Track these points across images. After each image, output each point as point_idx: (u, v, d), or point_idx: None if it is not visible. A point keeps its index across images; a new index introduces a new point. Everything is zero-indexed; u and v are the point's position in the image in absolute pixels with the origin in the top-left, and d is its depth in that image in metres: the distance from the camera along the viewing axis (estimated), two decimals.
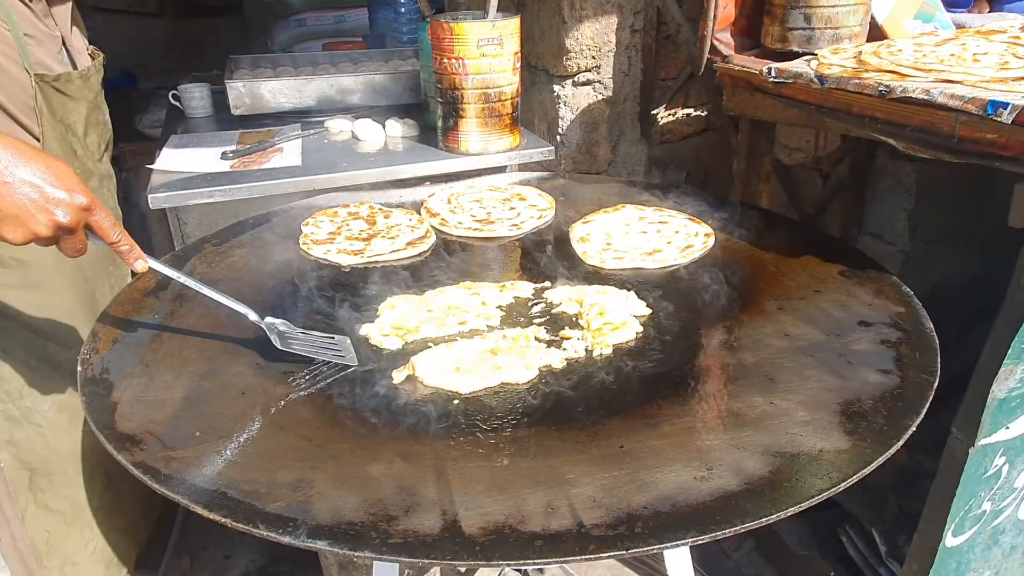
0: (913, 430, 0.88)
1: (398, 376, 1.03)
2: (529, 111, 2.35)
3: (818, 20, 1.51)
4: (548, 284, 1.28)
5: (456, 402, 0.98)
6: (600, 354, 1.07)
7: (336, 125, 2.15)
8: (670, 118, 2.34)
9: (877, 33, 1.57)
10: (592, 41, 2.11)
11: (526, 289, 1.26)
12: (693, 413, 0.94)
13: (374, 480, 0.82)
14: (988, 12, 1.94)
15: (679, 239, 1.40)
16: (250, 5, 4.57)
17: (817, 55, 1.46)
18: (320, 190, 1.76)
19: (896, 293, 1.19)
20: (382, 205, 1.61)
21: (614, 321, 1.13)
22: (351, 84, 2.34)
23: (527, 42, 2.17)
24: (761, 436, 0.88)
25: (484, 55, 1.77)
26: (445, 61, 1.80)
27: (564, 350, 1.08)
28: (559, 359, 1.06)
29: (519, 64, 1.86)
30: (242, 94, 2.26)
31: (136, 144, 3.21)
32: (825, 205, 2.17)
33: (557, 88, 2.18)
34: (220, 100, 2.35)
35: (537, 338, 1.12)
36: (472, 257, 1.42)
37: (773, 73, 1.46)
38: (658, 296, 1.22)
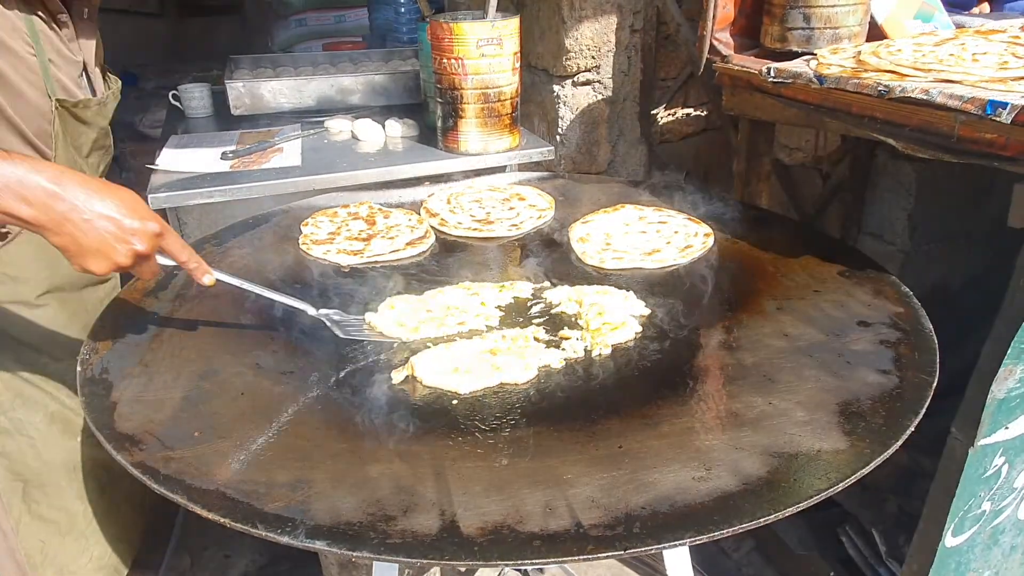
0: (912, 430, 0.88)
1: (397, 376, 1.03)
2: (529, 111, 2.35)
3: (817, 20, 1.51)
4: (547, 284, 1.28)
5: (455, 402, 0.98)
6: (599, 354, 1.07)
7: (336, 125, 2.15)
8: (670, 118, 2.34)
9: (876, 33, 1.57)
10: (592, 41, 2.11)
11: (525, 289, 1.26)
12: (692, 413, 0.94)
13: (373, 480, 0.82)
14: (989, 12, 1.94)
15: (678, 239, 1.40)
16: (250, 5, 4.58)
17: (816, 55, 1.46)
18: (320, 190, 1.76)
19: (895, 293, 1.19)
20: (382, 205, 1.61)
21: (613, 321, 1.13)
22: (351, 84, 2.34)
23: (527, 42, 2.17)
24: (760, 436, 0.88)
25: (484, 55, 1.77)
26: (445, 61, 1.80)
27: (563, 350, 1.08)
28: (558, 359, 1.06)
29: (519, 64, 1.86)
30: (242, 94, 2.27)
31: (136, 144, 3.22)
32: (825, 205, 2.17)
33: (557, 88, 2.18)
34: (220, 100, 2.35)
35: (536, 338, 1.12)
36: (471, 257, 1.42)
37: (772, 73, 1.46)
38: (657, 296, 1.22)
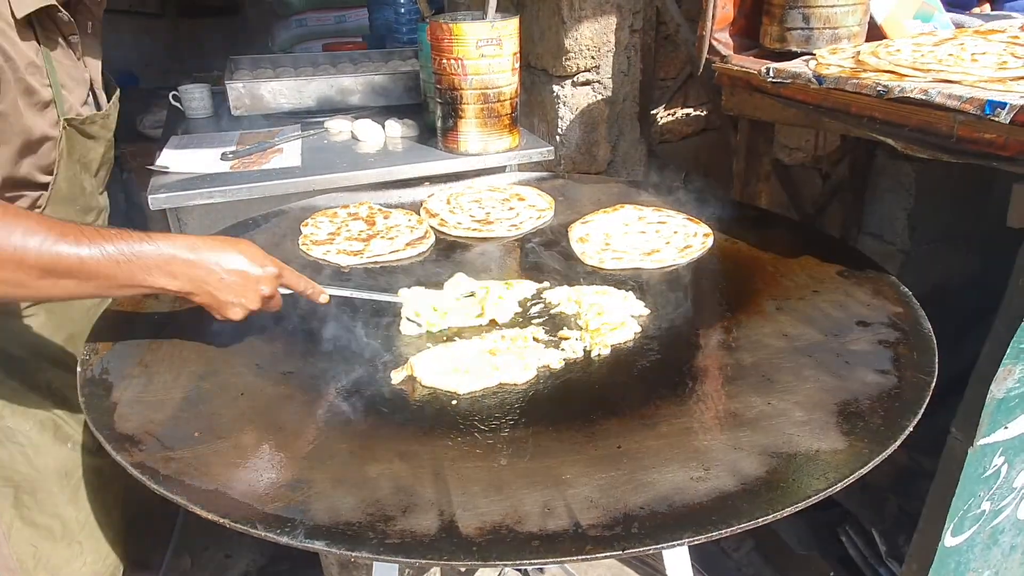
0: (910, 431, 0.88)
1: (397, 376, 1.03)
2: (528, 111, 2.35)
3: (817, 20, 1.51)
4: (547, 284, 1.28)
5: (454, 402, 0.98)
6: (598, 354, 1.08)
7: (336, 126, 2.16)
8: (669, 118, 2.34)
9: (876, 33, 1.57)
10: (591, 41, 2.11)
11: (528, 289, 1.26)
12: (691, 413, 0.94)
13: (372, 480, 0.82)
14: (990, 11, 1.93)
15: (678, 239, 1.41)
16: (251, 6, 4.58)
17: (815, 55, 1.46)
18: (320, 191, 1.76)
19: (894, 293, 1.19)
20: (381, 206, 1.61)
21: (612, 321, 1.13)
22: (351, 85, 2.34)
23: (526, 42, 2.18)
24: (758, 436, 0.88)
25: (483, 55, 1.77)
26: (444, 62, 1.80)
27: (562, 350, 1.09)
28: (557, 359, 1.06)
29: (518, 64, 1.86)
30: (242, 95, 2.27)
31: (137, 145, 3.22)
32: (825, 205, 2.17)
33: (556, 88, 2.18)
34: (220, 101, 2.35)
35: (535, 338, 1.12)
36: (471, 257, 1.42)
37: (771, 73, 1.46)
38: (657, 296, 1.23)
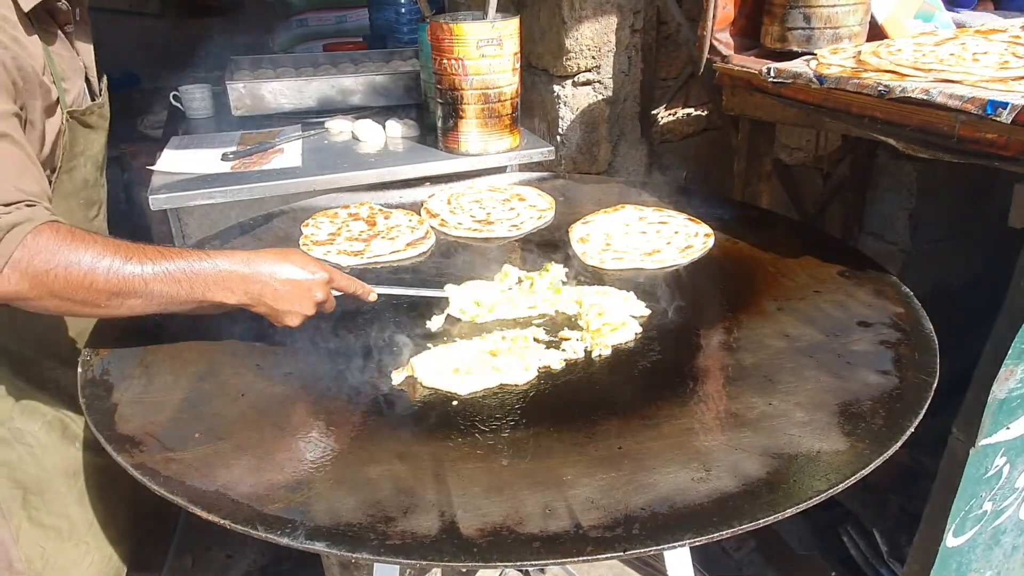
0: (911, 431, 0.88)
1: (397, 377, 1.03)
2: (529, 111, 2.35)
3: (818, 20, 1.51)
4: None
5: (455, 403, 0.98)
6: (599, 355, 1.07)
7: (336, 126, 2.15)
8: (670, 118, 2.34)
9: (877, 33, 1.56)
10: (592, 41, 2.10)
11: (559, 273, 1.29)
12: (692, 414, 0.94)
13: (372, 481, 0.82)
14: (993, 11, 1.93)
15: (679, 239, 1.40)
16: (251, 6, 4.58)
17: (816, 55, 1.46)
18: (320, 191, 1.76)
19: (895, 293, 1.19)
20: (382, 206, 1.61)
21: (613, 322, 1.13)
22: (351, 85, 2.34)
23: (527, 42, 2.17)
24: (759, 437, 0.88)
25: (484, 56, 1.77)
26: (445, 62, 1.79)
27: (563, 351, 1.08)
28: (558, 360, 1.06)
29: (519, 64, 1.86)
30: (243, 95, 2.27)
31: (137, 145, 3.22)
32: (826, 205, 2.16)
33: (557, 88, 2.17)
34: (221, 101, 2.35)
35: (536, 339, 1.12)
36: (472, 258, 1.42)
37: (772, 73, 1.46)
38: (658, 297, 1.22)
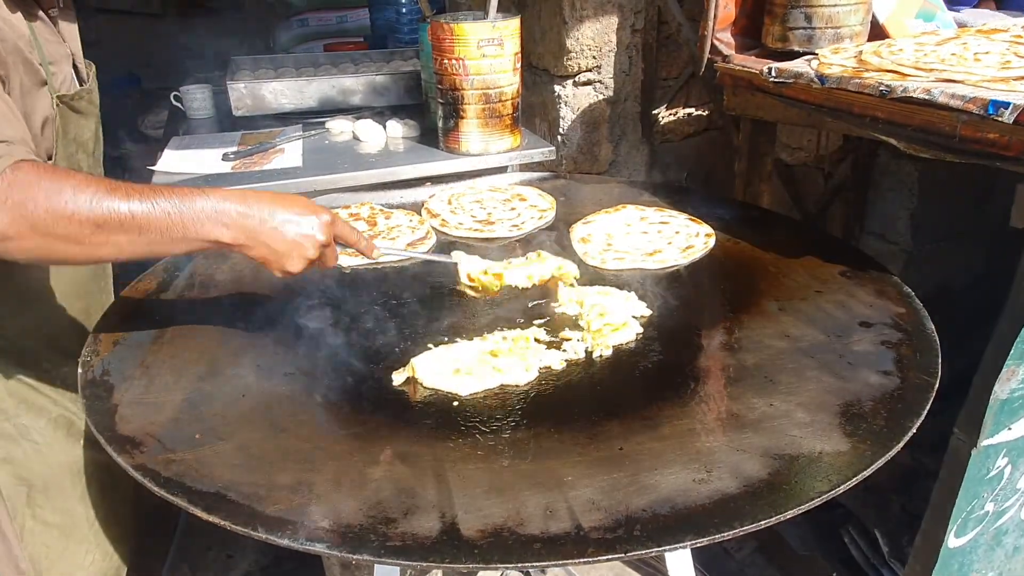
0: (913, 432, 0.87)
1: (398, 378, 1.03)
2: (530, 111, 2.35)
3: (819, 19, 1.51)
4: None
5: (456, 404, 0.98)
6: (600, 355, 1.07)
7: (337, 126, 2.15)
8: (671, 118, 2.34)
9: (878, 32, 1.56)
10: (593, 41, 2.10)
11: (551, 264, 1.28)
12: (693, 415, 0.93)
13: (373, 482, 0.82)
14: (995, 10, 1.93)
15: (680, 239, 1.40)
16: (252, 6, 4.58)
17: (818, 55, 1.46)
18: (321, 191, 1.76)
19: (897, 293, 1.19)
20: (383, 206, 1.61)
21: (614, 322, 1.12)
22: (352, 85, 2.34)
23: (528, 42, 2.17)
24: (761, 438, 0.87)
25: (484, 55, 1.77)
26: (445, 62, 1.79)
27: (564, 351, 1.08)
28: (559, 360, 1.06)
29: (520, 64, 1.86)
30: (243, 95, 2.26)
31: (138, 145, 3.22)
32: (827, 204, 2.16)
33: (558, 88, 2.17)
34: (222, 101, 2.35)
35: (537, 339, 1.12)
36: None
37: (774, 73, 1.46)
38: (659, 297, 1.22)
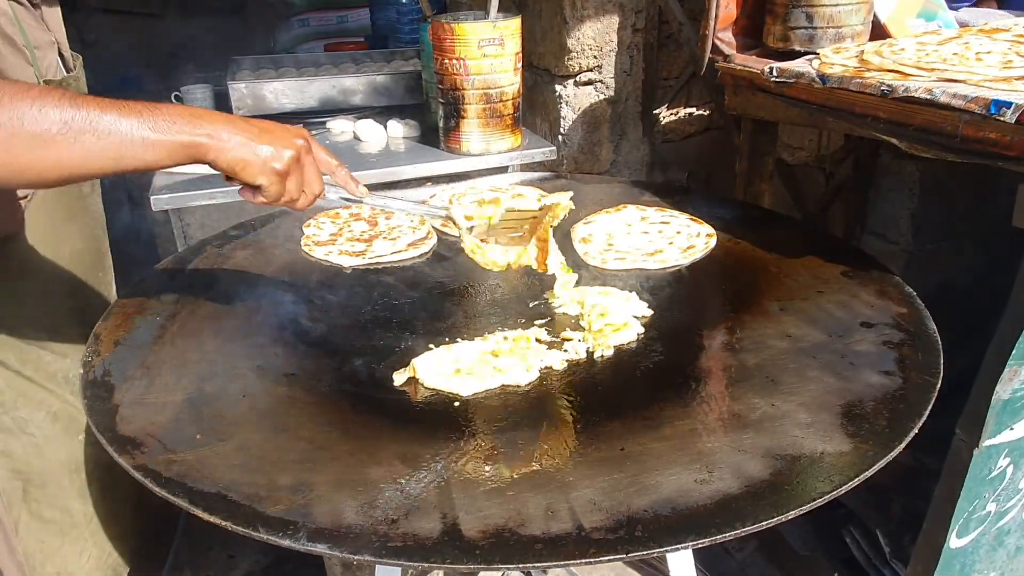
0: (915, 432, 0.87)
1: (399, 378, 1.03)
2: (531, 111, 2.35)
3: (820, 19, 1.51)
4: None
5: (456, 404, 0.98)
6: (601, 355, 1.07)
7: (338, 126, 2.16)
8: (672, 118, 2.33)
9: (880, 32, 1.56)
10: (594, 41, 2.10)
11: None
12: (694, 415, 0.93)
13: (374, 483, 0.82)
14: (997, 10, 1.92)
15: (681, 239, 1.40)
16: (253, 6, 4.58)
17: (819, 54, 1.45)
18: None
19: (899, 293, 1.19)
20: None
21: (615, 322, 1.12)
22: (353, 85, 2.34)
23: (528, 42, 2.17)
24: (762, 438, 0.87)
25: (485, 55, 1.77)
26: (446, 61, 1.79)
27: (565, 351, 1.08)
28: (560, 360, 1.06)
29: (520, 64, 1.86)
30: (244, 95, 2.26)
31: None
32: (828, 204, 2.16)
33: (559, 88, 2.17)
34: (222, 101, 2.35)
35: (538, 339, 1.11)
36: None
37: (775, 73, 1.45)
38: (660, 297, 1.22)
